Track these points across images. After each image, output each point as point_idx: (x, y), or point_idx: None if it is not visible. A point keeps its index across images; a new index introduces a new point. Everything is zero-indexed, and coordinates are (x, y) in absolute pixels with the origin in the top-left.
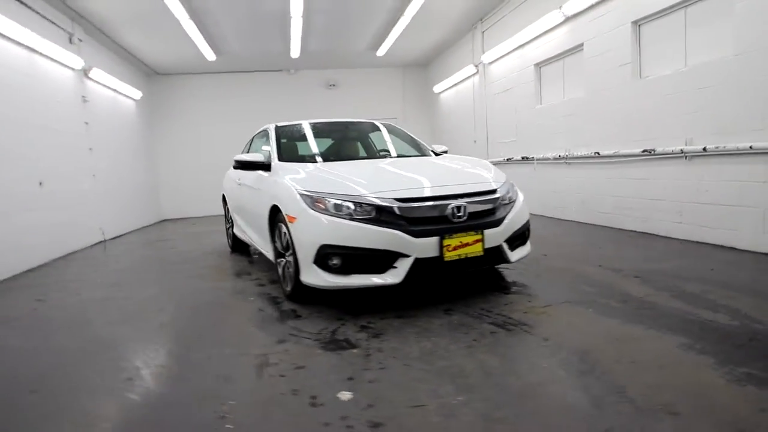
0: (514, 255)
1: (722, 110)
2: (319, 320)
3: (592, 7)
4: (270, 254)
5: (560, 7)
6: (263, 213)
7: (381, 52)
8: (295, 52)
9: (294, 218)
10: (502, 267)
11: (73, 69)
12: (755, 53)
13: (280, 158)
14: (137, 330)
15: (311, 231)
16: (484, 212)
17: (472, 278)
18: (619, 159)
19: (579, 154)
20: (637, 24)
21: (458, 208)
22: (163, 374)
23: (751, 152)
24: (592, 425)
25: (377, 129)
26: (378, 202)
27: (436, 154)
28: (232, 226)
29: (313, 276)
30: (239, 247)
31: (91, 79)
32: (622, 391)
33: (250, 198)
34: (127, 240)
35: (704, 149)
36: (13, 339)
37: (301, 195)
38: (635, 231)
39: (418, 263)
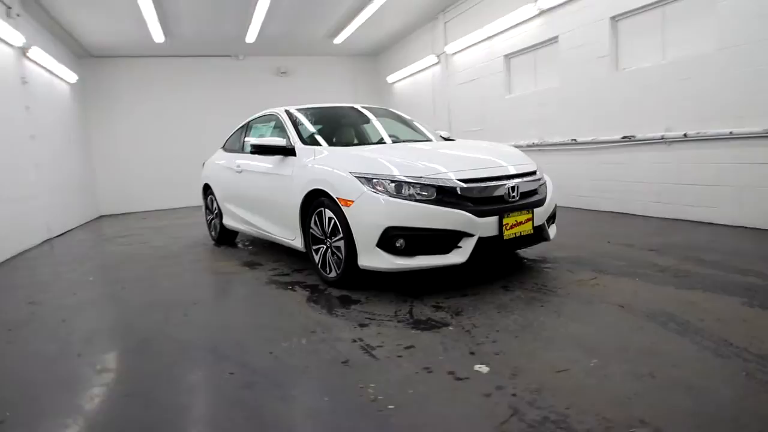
0: (551, 233)
1: (703, 100)
2: (383, 303)
3: (568, 2)
4: (297, 242)
5: (535, 1)
6: (292, 199)
7: (339, 39)
8: (251, 36)
9: (350, 201)
10: None
11: (12, 46)
12: (737, 48)
13: (303, 142)
14: (201, 332)
15: (374, 214)
16: (531, 192)
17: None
18: (597, 145)
19: (554, 141)
20: (615, 19)
21: (513, 188)
22: (300, 368)
23: (731, 137)
24: (732, 370)
25: (383, 114)
26: (441, 182)
27: (445, 139)
28: (218, 217)
29: (376, 259)
30: (226, 238)
31: (29, 59)
32: (729, 343)
33: (266, 184)
34: (77, 237)
35: (685, 135)
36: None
37: (358, 177)
38: (613, 212)
39: (481, 242)
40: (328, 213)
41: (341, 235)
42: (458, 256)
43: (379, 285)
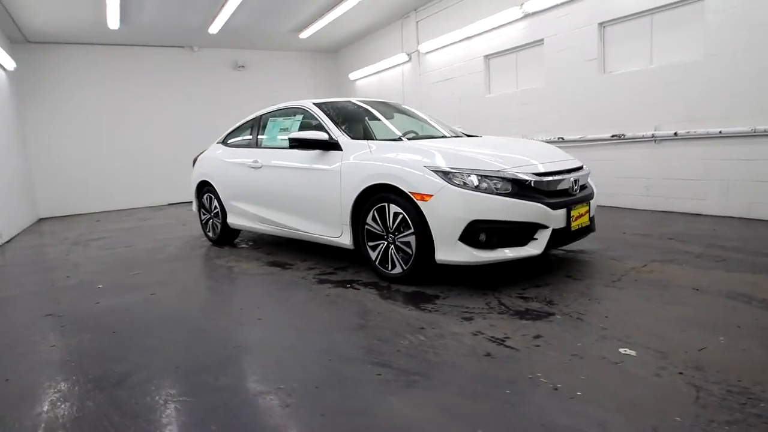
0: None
1: (690, 102)
2: (464, 297)
3: (555, 6)
4: (343, 239)
5: (521, 5)
6: (341, 195)
7: (306, 34)
8: (216, 26)
9: (429, 195)
10: None
11: None
12: (724, 56)
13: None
14: (309, 338)
15: (456, 207)
16: (584, 185)
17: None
18: (586, 143)
19: (539, 138)
20: (603, 25)
21: (575, 180)
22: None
23: (719, 136)
24: None
25: (399, 110)
26: (517, 176)
27: (467, 136)
28: (217, 216)
29: (458, 253)
30: (227, 238)
31: None
32: None
33: (300, 181)
34: (33, 243)
35: (675, 134)
36: None
37: (436, 171)
38: (602, 205)
39: (553, 234)
40: (394, 208)
41: (411, 230)
42: (534, 248)
43: (443, 280)
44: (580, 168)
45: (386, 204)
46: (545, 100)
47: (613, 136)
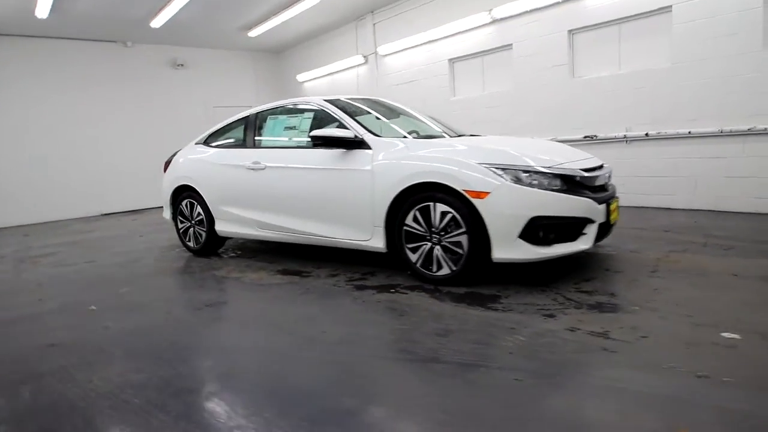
0: None
1: (658, 106)
2: (524, 294)
3: (525, 13)
4: (375, 242)
5: (490, 11)
6: (374, 196)
7: (255, 32)
8: (160, 20)
9: (485, 193)
10: None
11: None
12: (688, 63)
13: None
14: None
15: (517, 204)
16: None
17: None
18: None
19: None
20: (572, 32)
21: (609, 176)
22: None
23: (689, 136)
24: None
25: (393, 109)
26: (567, 172)
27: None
28: (201, 224)
29: (517, 251)
30: (212, 248)
31: None
32: None
33: (320, 182)
34: None
35: (646, 134)
36: None
37: (490, 168)
38: None
39: (599, 228)
40: (441, 207)
41: (463, 229)
42: (584, 243)
43: (489, 280)
44: (603, 165)
45: (431, 203)
46: (514, 103)
47: (585, 137)
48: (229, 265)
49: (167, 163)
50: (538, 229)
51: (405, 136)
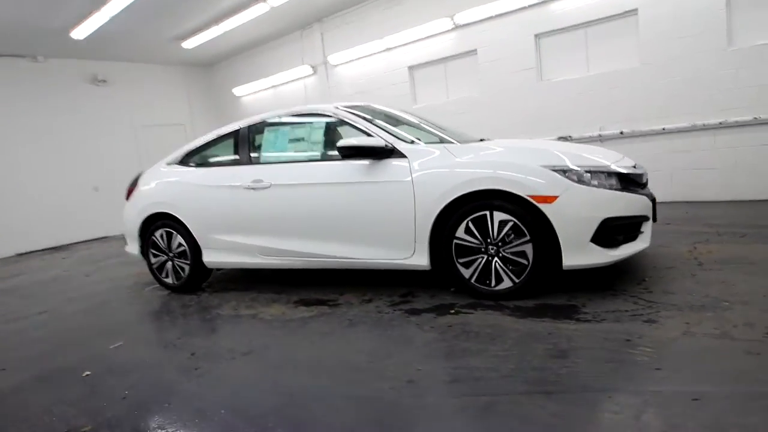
0: None
1: (631, 105)
2: (600, 301)
3: (489, 18)
4: (418, 259)
5: (452, 17)
6: (417, 209)
7: (190, 43)
8: (84, 31)
9: (553, 197)
10: None
11: None
12: (657, 63)
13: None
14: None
15: (587, 206)
16: None
17: None
18: None
19: None
20: (539, 36)
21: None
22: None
23: (662, 132)
24: None
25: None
26: (622, 171)
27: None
28: (182, 256)
29: (589, 256)
30: (196, 282)
31: None
32: None
33: (345, 198)
34: None
35: (621, 132)
36: None
37: (555, 170)
38: None
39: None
40: (500, 216)
41: (527, 238)
42: (643, 241)
43: (549, 289)
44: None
45: (487, 212)
46: (482, 108)
47: (560, 137)
48: (227, 300)
49: (130, 189)
50: (608, 231)
51: (440, 141)
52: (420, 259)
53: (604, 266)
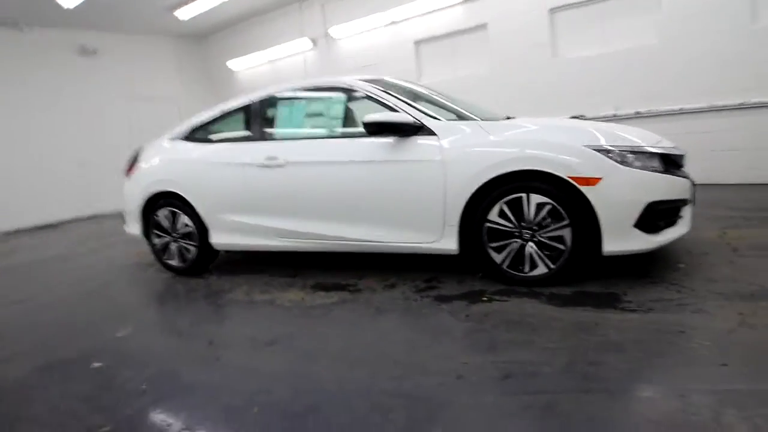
0: None
1: (647, 84)
2: (640, 289)
3: None
4: (446, 243)
5: None
6: (444, 191)
7: (185, 13)
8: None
9: (596, 179)
10: None
11: None
12: (677, 40)
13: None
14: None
15: (631, 189)
16: None
17: None
18: None
19: None
20: (553, 11)
21: None
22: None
23: (680, 113)
24: None
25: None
26: (664, 151)
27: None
28: (188, 237)
29: (633, 241)
30: (203, 264)
31: None
32: None
33: (370, 177)
34: None
35: (637, 112)
36: None
37: (599, 150)
38: None
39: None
40: (537, 198)
41: (566, 222)
42: (684, 226)
43: (583, 276)
44: None
45: (524, 195)
46: (490, 85)
47: (572, 116)
48: (238, 284)
49: (130, 166)
50: (652, 216)
51: (462, 118)
52: (448, 243)
53: (645, 253)
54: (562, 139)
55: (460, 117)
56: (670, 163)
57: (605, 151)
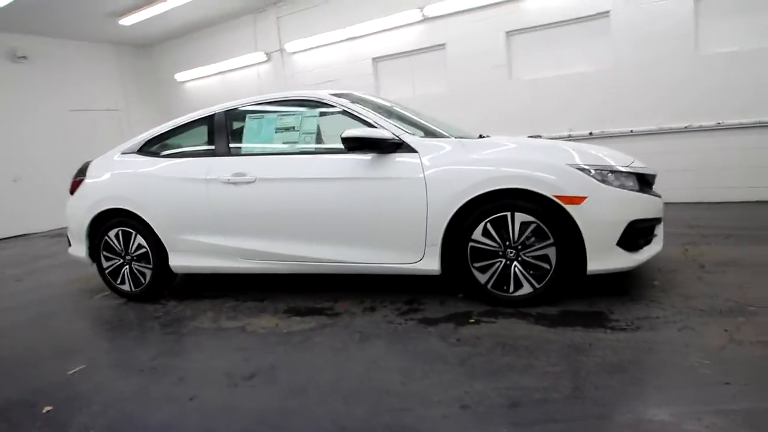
0: None
1: (600, 107)
2: (624, 309)
3: (459, 12)
4: (428, 264)
5: (422, 9)
6: (426, 210)
7: (129, 20)
8: None
9: (581, 198)
10: None
11: None
12: (628, 65)
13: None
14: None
15: (614, 208)
16: None
17: None
18: None
19: None
20: (509, 34)
21: None
22: None
23: (631, 134)
24: None
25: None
26: (639, 171)
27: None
28: (143, 259)
29: (616, 259)
30: (159, 289)
31: None
32: None
33: (347, 195)
34: None
35: (590, 133)
36: None
37: (581, 170)
38: None
39: None
40: (522, 217)
41: (550, 241)
42: (658, 243)
43: (559, 296)
44: None
45: (508, 213)
46: (449, 104)
47: (529, 136)
48: (201, 310)
49: (76, 182)
50: (633, 234)
51: (437, 135)
52: (431, 263)
53: (626, 271)
54: (545, 158)
55: (433, 134)
56: (644, 183)
57: (587, 171)
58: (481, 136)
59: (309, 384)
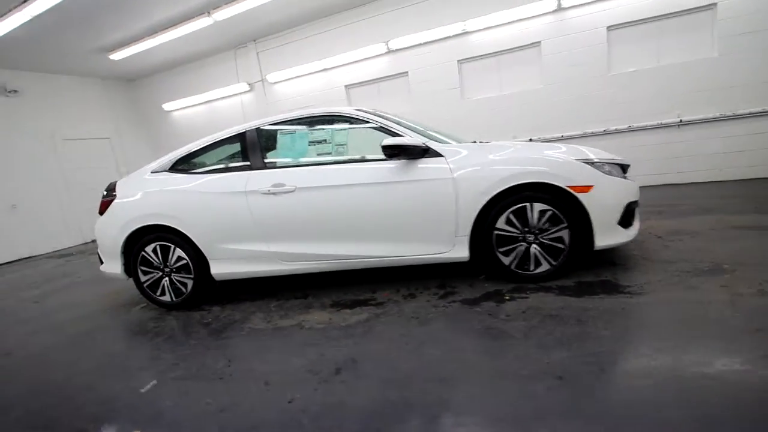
0: None
1: (536, 118)
2: (626, 275)
3: (418, 45)
4: (456, 252)
5: (387, 42)
6: (456, 205)
7: (118, 55)
8: None
9: (589, 187)
10: None
11: None
12: (556, 85)
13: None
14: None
15: (615, 193)
16: None
17: None
18: None
19: None
20: (461, 62)
21: None
22: None
23: (561, 139)
24: None
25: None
26: (621, 161)
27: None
28: (184, 271)
29: (616, 236)
30: (200, 297)
31: None
32: None
33: (383, 197)
34: None
35: (530, 139)
36: None
37: (587, 163)
38: None
39: None
40: (540, 206)
41: (564, 225)
42: (638, 221)
43: (565, 271)
44: None
45: (528, 204)
46: None
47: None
48: (249, 312)
49: (106, 202)
50: (628, 214)
51: (441, 142)
52: (460, 251)
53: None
54: (557, 155)
55: (442, 141)
56: (624, 171)
57: (591, 163)
58: (473, 141)
59: (398, 373)
